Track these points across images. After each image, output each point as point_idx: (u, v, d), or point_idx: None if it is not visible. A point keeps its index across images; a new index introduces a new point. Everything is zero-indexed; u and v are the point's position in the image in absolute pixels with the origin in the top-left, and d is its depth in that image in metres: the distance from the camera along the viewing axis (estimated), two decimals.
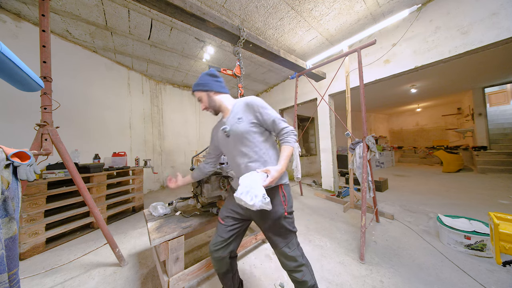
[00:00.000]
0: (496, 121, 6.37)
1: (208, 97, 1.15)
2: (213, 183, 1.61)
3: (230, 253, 1.15)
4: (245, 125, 1.06)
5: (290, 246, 1.03)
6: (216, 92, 1.16)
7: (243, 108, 1.10)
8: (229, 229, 1.14)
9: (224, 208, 1.22)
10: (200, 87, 1.15)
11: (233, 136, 1.09)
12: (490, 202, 3.02)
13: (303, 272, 1.03)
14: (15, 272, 0.72)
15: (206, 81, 1.15)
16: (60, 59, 2.92)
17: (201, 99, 1.16)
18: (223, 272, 1.17)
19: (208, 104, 1.16)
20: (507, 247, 1.04)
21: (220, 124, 1.23)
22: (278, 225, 1.03)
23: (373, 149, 2.17)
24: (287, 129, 1.05)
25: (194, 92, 1.18)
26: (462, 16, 2.39)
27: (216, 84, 1.17)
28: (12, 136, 2.43)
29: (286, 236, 1.04)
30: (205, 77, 1.17)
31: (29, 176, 0.78)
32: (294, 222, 1.08)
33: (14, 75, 0.77)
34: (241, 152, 1.08)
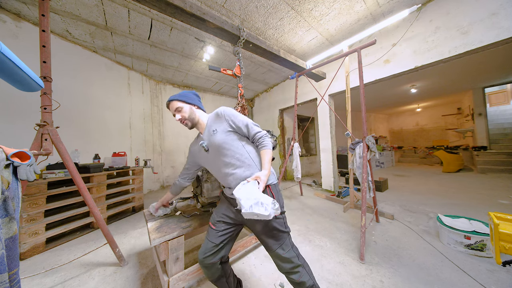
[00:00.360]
0: (496, 121, 6.37)
1: (190, 109, 1.18)
2: (213, 183, 1.61)
3: (221, 258, 1.12)
4: (220, 135, 1.09)
5: (284, 248, 1.02)
6: (198, 107, 1.23)
7: (215, 119, 1.14)
8: (220, 234, 1.12)
9: (215, 213, 1.21)
10: (184, 99, 1.18)
11: (212, 149, 1.12)
12: (490, 202, 3.02)
13: (300, 273, 1.02)
14: (15, 272, 0.72)
15: (191, 96, 1.20)
16: (60, 59, 2.92)
17: (181, 110, 1.16)
18: (216, 278, 1.14)
19: (189, 115, 1.17)
20: (507, 247, 1.04)
21: (197, 140, 1.27)
22: (269, 227, 1.01)
23: (373, 149, 2.18)
24: (261, 133, 1.10)
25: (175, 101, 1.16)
26: (462, 16, 2.39)
27: (199, 101, 1.24)
28: (12, 136, 2.43)
29: (278, 237, 1.03)
30: (190, 94, 1.21)
31: (29, 176, 0.78)
32: (286, 222, 1.07)
33: (14, 75, 0.77)
34: (224, 162, 1.09)
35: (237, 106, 2.28)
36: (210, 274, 1.13)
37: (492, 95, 7.16)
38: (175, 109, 1.17)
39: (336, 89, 3.86)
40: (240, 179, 1.06)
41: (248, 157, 1.09)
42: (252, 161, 1.09)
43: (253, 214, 0.82)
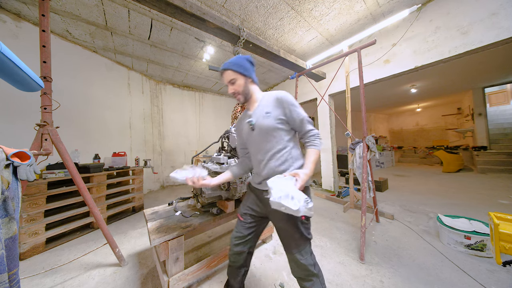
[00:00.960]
0: (496, 121, 6.37)
1: (246, 82, 1.07)
2: None
3: (249, 248, 1.16)
4: (271, 121, 1.01)
5: (302, 254, 0.99)
6: (252, 82, 1.11)
7: (273, 103, 1.04)
8: (247, 226, 1.14)
9: (242, 205, 1.22)
10: (241, 69, 1.05)
11: (258, 130, 1.05)
12: (490, 202, 3.02)
13: (313, 282, 0.99)
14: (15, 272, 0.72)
15: (247, 67, 1.07)
16: (60, 59, 2.92)
17: (235, 82, 1.05)
18: (238, 266, 1.18)
19: (243, 89, 1.07)
20: (507, 247, 1.04)
21: (245, 116, 1.18)
22: (293, 228, 0.98)
23: (373, 149, 2.17)
24: (314, 131, 1.02)
25: (230, 70, 1.05)
26: (462, 16, 2.39)
27: (254, 74, 1.12)
28: (12, 136, 2.42)
29: (299, 241, 0.99)
30: (246, 63, 1.07)
31: (29, 176, 0.78)
32: (310, 229, 1.03)
33: (14, 75, 0.77)
34: (264, 148, 1.04)
35: (237, 106, 2.28)
36: (235, 261, 1.16)
37: (492, 95, 7.16)
38: (228, 80, 1.06)
39: (336, 89, 3.86)
40: (272, 169, 1.02)
41: (288, 151, 1.03)
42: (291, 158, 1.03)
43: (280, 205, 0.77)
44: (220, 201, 1.69)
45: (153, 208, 1.76)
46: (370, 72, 3.29)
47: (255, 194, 1.16)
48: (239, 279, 1.22)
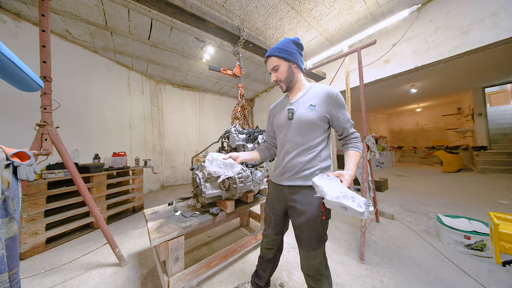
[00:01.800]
0: (496, 121, 6.37)
1: (289, 68, 1.01)
2: (213, 183, 1.61)
3: (279, 245, 1.23)
4: (315, 115, 0.97)
5: (317, 253, 0.98)
6: (298, 67, 1.03)
7: (322, 97, 0.99)
8: (272, 226, 1.18)
9: (267, 205, 1.23)
10: (283, 54, 0.98)
11: (297, 120, 1.00)
12: (490, 202, 3.02)
13: (321, 282, 0.99)
14: (15, 272, 0.72)
15: (292, 50, 0.99)
16: (60, 59, 2.92)
17: (278, 69, 1.00)
18: (268, 258, 1.24)
19: (286, 76, 1.01)
20: (507, 247, 1.04)
21: (284, 103, 1.12)
22: (312, 227, 0.96)
23: (373, 149, 2.18)
24: (357, 134, 1.03)
25: (272, 57, 1.00)
26: (462, 16, 2.39)
27: (300, 59, 1.02)
28: (12, 136, 2.43)
29: (316, 240, 0.97)
30: (291, 45, 1.00)
31: (29, 176, 0.78)
32: (327, 229, 1.02)
33: (14, 75, 0.77)
34: (296, 141, 1.00)
35: (237, 106, 2.28)
36: (266, 254, 1.24)
37: (492, 95, 7.16)
38: (272, 67, 1.02)
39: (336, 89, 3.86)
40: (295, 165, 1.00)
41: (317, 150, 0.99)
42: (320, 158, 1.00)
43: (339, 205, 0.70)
44: (220, 201, 1.69)
45: (153, 208, 1.76)
46: (370, 72, 3.29)
47: (276, 190, 1.13)
48: (268, 271, 1.27)
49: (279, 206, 1.12)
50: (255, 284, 1.29)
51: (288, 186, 1.03)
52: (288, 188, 1.04)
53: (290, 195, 1.03)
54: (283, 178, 1.06)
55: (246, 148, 1.70)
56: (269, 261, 1.25)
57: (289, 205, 1.04)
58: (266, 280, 1.28)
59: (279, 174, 1.09)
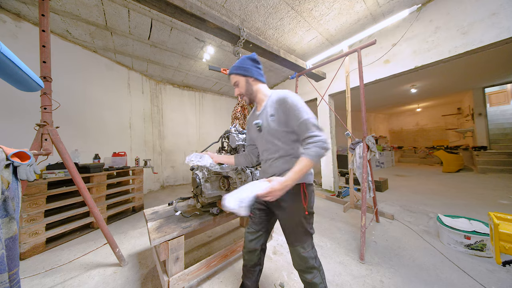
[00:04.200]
0: (496, 121, 6.37)
1: (246, 83, 1.09)
2: (213, 183, 1.61)
3: (262, 245, 1.20)
4: (276, 124, 1.02)
5: (305, 247, 1.02)
6: (255, 80, 1.10)
7: (275, 105, 1.02)
8: (257, 221, 1.18)
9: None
10: (239, 71, 1.08)
11: (265, 131, 1.07)
12: (490, 202, 3.02)
13: (313, 274, 1.03)
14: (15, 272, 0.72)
15: (247, 66, 1.08)
16: (60, 59, 2.91)
17: (238, 84, 1.09)
18: (252, 264, 1.21)
19: (245, 90, 1.10)
20: (507, 247, 1.04)
21: (253, 117, 1.20)
22: (296, 222, 1.02)
23: (373, 149, 2.17)
24: (314, 138, 0.89)
25: (231, 75, 1.11)
26: (462, 16, 2.39)
27: (256, 71, 1.10)
28: (12, 136, 2.42)
29: (302, 235, 1.02)
30: (247, 61, 1.09)
31: (29, 176, 0.78)
32: (312, 224, 1.06)
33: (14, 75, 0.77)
34: (270, 149, 1.07)
35: (237, 106, 2.28)
36: (250, 260, 1.21)
37: (492, 95, 7.16)
38: (233, 83, 1.11)
39: (336, 89, 3.86)
40: (277, 168, 1.06)
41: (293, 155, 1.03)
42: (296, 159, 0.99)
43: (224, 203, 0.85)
44: (220, 201, 1.69)
45: (153, 208, 1.76)
46: (370, 72, 3.29)
47: None
48: (254, 279, 1.25)
49: (265, 203, 1.17)
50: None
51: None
52: None
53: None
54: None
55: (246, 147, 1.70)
56: (254, 266, 1.22)
57: (274, 204, 1.09)
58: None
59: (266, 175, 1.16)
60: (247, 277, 1.26)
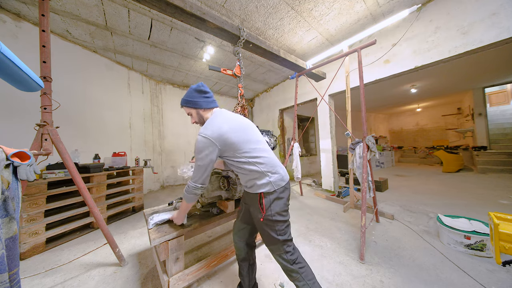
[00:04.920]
0: (496, 121, 6.36)
1: (197, 114, 1.19)
2: (213, 183, 1.61)
3: (246, 240, 1.28)
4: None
5: (274, 250, 1.08)
6: (204, 110, 1.19)
7: None
8: (241, 216, 1.28)
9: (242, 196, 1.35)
10: (190, 104, 1.17)
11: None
12: (490, 202, 3.02)
13: (293, 277, 1.06)
14: (15, 272, 0.72)
15: (195, 99, 1.17)
16: (60, 59, 2.92)
17: (191, 114, 1.21)
18: (241, 258, 1.30)
19: (198, 119, 1.21)
20: (507, 247, 1.04)
21: None
22: (259, 228, 1.10)
23: (373, 149, 2.17)
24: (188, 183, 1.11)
25: (184, 107, 1.21)
26: (462, 16, 2.39)
27: (205, 102, 1.17)
28: (12, 136, 2.43)
29: (268, 240, 1.08)
30: (194, 94, 1.17)
31: (29, 176, 0.78)
32: (282, 231, 1.05)
33: (14, 75, 0.77)
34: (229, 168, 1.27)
35: (237, 106, 2.28)
36: (238, 252, 1.30)
37: (492, 95, 7.16)
38: (187, 113, 1.23)
39: (336, 89, 3.86)
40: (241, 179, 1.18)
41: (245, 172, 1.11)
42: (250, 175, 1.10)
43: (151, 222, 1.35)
44: (220, 201, 1.69)
45: (153, 208, 1.76)
46: (370, 72, 3.29)
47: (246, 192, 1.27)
48: (245, 273, 1.30)
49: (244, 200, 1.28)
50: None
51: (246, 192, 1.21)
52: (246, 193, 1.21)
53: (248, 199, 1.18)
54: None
55: None
56: (243, 261, 1.30)
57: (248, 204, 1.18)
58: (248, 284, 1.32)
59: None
60: (242, 274, 1.32)
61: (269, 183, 1.07)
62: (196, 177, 1.08)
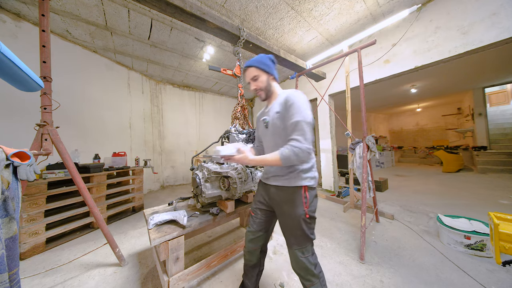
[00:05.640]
0: (496, 121, 6.37)
1: (267, 79, 1.10)
2: (213, 183, 1.61)
3: (262, 246, 1.20)
4: (280, 121, 1.03)
5: (303, 252, 1.00)
6: (274, 78, 1.14)
7: (283, 103, 1.04)
8: (258, 221, 1.18)
9: (253, 201, 1.27)
10: (263, 66, 1.07)
11: (271, 128, 1.09)
12: (490, 202, 3.02)
13: (311, 282, 1.00)
14: (15, 272, 0.72)
15: (269, 64, 1.10)
16: (60, 59, 2.92)
17: (258, 78, 1.08)
18: (252, 264, 1.23)
19: (266, 85, 1.10)
20: (507, 247, 1.04)
21: (262, 113, 1.23)
22: (295, 225, 1.00)
23: (373, 149, 2.17)
24: (295, 143, 0.90)
25: (253, 67, 1.08)
26: (462, 16, 2.39)
27: (276, 72, 1.14)
28: (12, 136, 2.43)
29: (301, 239, 1.00)
30: (268, 61, 1.11)
31: (29, 176, 0.78)
32: (314, 229, 1.04)
33: (14, 75, 0.77)
34: (274, 146, 1.08)
35: (237, 106, 2.28)
36: (250, 260, 1.22)
37: (492, 95, 7.16)
38: (251, 77, 1.10)
39: (336, 89, 3.86)
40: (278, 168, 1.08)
41: None
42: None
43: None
44: (220, 201, 1.69)
45: (153, 208, 1.76)
46: (370, 72, 3.29)
47: (263, 189, 1.20)
48: (254, 280, 1.26)
49: (266, 203, 1.17)
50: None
51: (275, 186, 1.10)
52: (274, 188, 1.11)
53: (276, 195, 1.09)
54: (270, 179, 1.13)
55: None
56: (254, 267, 1.24)
57: (275, 204, 1.10)
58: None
59: (267, 175, 1.17)
60: (247, 276, 1.27)
61: (314, 178, 1.06)
62: (308, 138, 0.92)
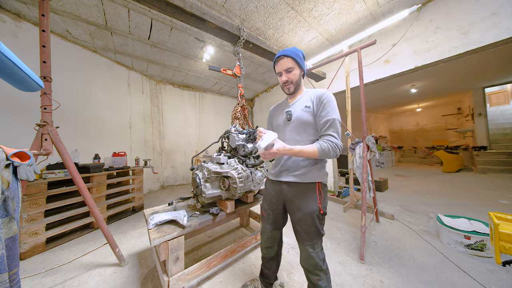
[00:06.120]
0: (496, 121, 6.37)
1: (300, 74, 1.12)
2: (213, 183, 1.61)
3: (278, 241, 1.27)
4: (309, 115, 1.05)
5: (314, 247, 1.03)
6: (303, 75, 1.18)
7: (315, 99, 1.06)
8: (271, 221, 1.21)
9: (264, 201, 1.28)
10: (299, 60, 1.08)
11: (295, 121, 1.09)
12: (490, 202, 3.02)
13: (319, 277, 1.03)
14: (15, 272, 0.72)
15: (303, 59, 1.12)
16: (60, 59, 2.92)
17: (292, 71, 1.08)
18: (270, 257, 1.29)
19: (296, 80, 1.11)
20: (507, 247, 1.04)
21: (283, 105, 1.25)
22: (308, 221, 1.02)
23: (373, 149, 2.17)
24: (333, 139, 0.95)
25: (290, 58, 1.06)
26: (462, 16, 2.39)
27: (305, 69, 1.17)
28: (12, 136, 2.42)
29: (313, 235, 1.03)
30: (302, 56, 1.12)
31: (29, 176, 0.78)
32: (324, 225, 1.07)
33: (14, 75, 0.77)
34: (294, 139, 1.08)
35: (237, 106, 2.28)
36: (268, 253, 1.28)
37: (492, 95, 7.16)
38: (286, 67, 1.07)
39: (336, 89, 3.86)
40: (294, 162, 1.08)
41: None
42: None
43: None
44: (220, 201, 1.69)
45: (153, 208, 1.76)
46: (370, 72, 3.28)
47: (273, 188, 1.20)
48: (273, 269, 1.32)
49: (278, 202, 1.17)
50: (264, 281, 1.36)
51: (287, 182, 1.10)
52: (286, 184, 1.10)
53: (288, 191, 1.09)
54: (282, 175, 1.13)
55: (246, 148, 1.70)
56: (272, 259, 1.31)
57: (287, 200, 1.11)
58: (273, 276, 1.36)
59: (278, 171, 1.16)
60: (267, 267, 1.33)
61: (326, 175, 1.09)
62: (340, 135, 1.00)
